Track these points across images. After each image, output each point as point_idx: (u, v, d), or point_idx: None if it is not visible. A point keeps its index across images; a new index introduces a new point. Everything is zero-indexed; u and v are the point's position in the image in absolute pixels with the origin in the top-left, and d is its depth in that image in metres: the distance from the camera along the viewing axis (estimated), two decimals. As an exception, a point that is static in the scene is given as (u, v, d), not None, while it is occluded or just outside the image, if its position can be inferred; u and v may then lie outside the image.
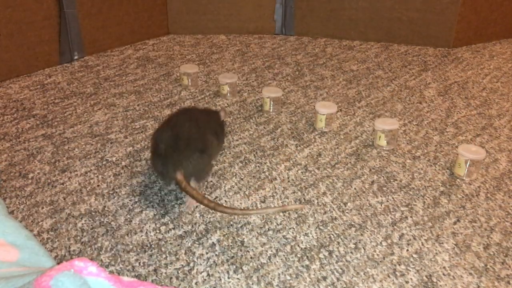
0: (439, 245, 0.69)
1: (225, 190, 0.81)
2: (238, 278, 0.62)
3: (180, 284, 0.61)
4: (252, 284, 0.62)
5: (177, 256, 0.66)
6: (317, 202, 0.78)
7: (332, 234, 0.71)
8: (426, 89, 1.23)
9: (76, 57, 1.38)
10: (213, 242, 0.69)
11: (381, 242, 0.70)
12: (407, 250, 0.68)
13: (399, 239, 0.70)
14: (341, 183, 0.83)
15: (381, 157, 0.92)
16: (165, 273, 0.63)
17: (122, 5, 1.44)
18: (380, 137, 0.94)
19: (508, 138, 1.01)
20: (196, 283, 0.62)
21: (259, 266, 0.65)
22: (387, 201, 0.79)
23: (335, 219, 0.74)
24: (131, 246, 0.68)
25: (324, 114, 1.00)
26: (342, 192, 0.81)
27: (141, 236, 0.70)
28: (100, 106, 1.10)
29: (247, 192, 0.80)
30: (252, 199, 0.78)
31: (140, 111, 1.08)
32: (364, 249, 0.68)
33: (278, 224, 0.73)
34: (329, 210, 0.76)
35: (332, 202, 0.78)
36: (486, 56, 1.48)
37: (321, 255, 0.67)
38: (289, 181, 0.84)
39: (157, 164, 0.73)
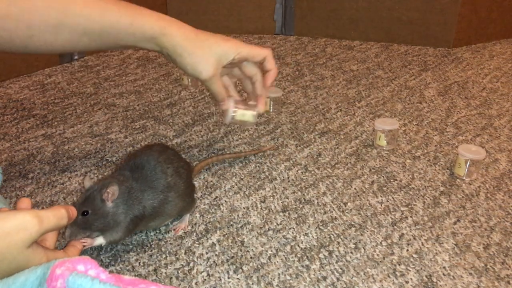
0: (439, 245, 0.69)
1: (225, 190, 0.81)
2: (238, 278, 0.62)
3: (180, 284, 0.61)
4: (252, 284, 0.62)
5: (177, 256, 0.66)
6: (317, 202, 0.78)
7: (332, 234, 0.71)
8: (426, 89, 1.23)
9: (76, 57, 1.38)
10: (213, 242, 0.69)
11: (381, 242, 0.70)
12: (407, 250, 0.68)
13: (399, 239, 0.70)
14: (341, 183, 0.83)
15: (381, 157, 0.92)
16: (165, 273, 0.63)
17: (122, 5, 1.44)
18: (380, 137, 0.94)
19: (508, 138, 1.01)
20: (196, 283, 0.62)
21: (259, 266, 0.65)
22: (387, 201, 0.79)
23: (335, 219, 0.74)
24: (131, 246, 0.68)
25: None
26: (342, 192, 0.81)
27: (141, 236, 0.70)
28: (100, 106, 1.10)
29: (247, 192, 0.80)
30: (252, 199, 0.78)
31: (140, 111, 1.08)
32: (364, 249, 0.68)
33: (278, 224, 0.73)
34: (329, 210, 0.76)
35: (332, 202, 0.78)
36: (486, 56, 1.48)
37: (321, 255, 0.67)
38: (289, 181, 0.84)
39: None
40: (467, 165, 0.84)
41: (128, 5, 0.68)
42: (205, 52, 0.71)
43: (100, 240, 0.62)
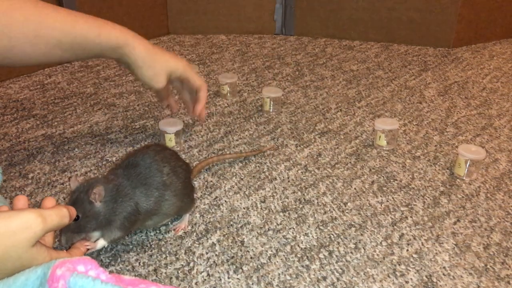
0: (439, 245, 0.69)
1: (225, 190, 0.81)
2: (238, 278, 0.62)
3: (180, 284, 0.61)
4: (252, 284, 0.62)
5: (177, 256, 0.66)
6: (317, 202, 0.78)
7: (332, 234, 0.71)
8: (426, 89, 1.23)
9: (76, 57, 1.38)
10: (213, 242, 0.69)
11: (381, 242, 0.70)
12: (407, 250, 0.68)
13: (399, 239, 0.70)
14: (341, 183, 0.83)
15: (381, 157, 0.92)
16: (165, 273, 0.63)
17: (122, 5, 1.44)
18: (380, 137, 0.94)
19: (508, 138, 1.01)
20: (196, 283, 0.62)
21: (259, 266, 0.65)
22: (387, 201, 0.79)
23: (335, 219, 0.74)
24: (131, 246, 0.68)
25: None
26: (342, 192, 0.81)
27: (141, 236, 0.70)
28: (100, 106, 1.10)
29: (247, 192, 0.80)
30: (252, 199, 0.78)
31: (140, 111, 1.08)
32: (364, 249, 0.68)
33: (278, 224, 0.73)
34: (329, 210, 0.76)
35: (332, 202, 0.78)
36: (486, 56, 1.48)
37: (321, 255, 0.67)
38: (289, 181, 0.84)
39: None
40: (467, 165, 0.84)
41: (95, 19, 0.77)
42: (161, 67, 0.83)
43: (102, 243, 0.62)
